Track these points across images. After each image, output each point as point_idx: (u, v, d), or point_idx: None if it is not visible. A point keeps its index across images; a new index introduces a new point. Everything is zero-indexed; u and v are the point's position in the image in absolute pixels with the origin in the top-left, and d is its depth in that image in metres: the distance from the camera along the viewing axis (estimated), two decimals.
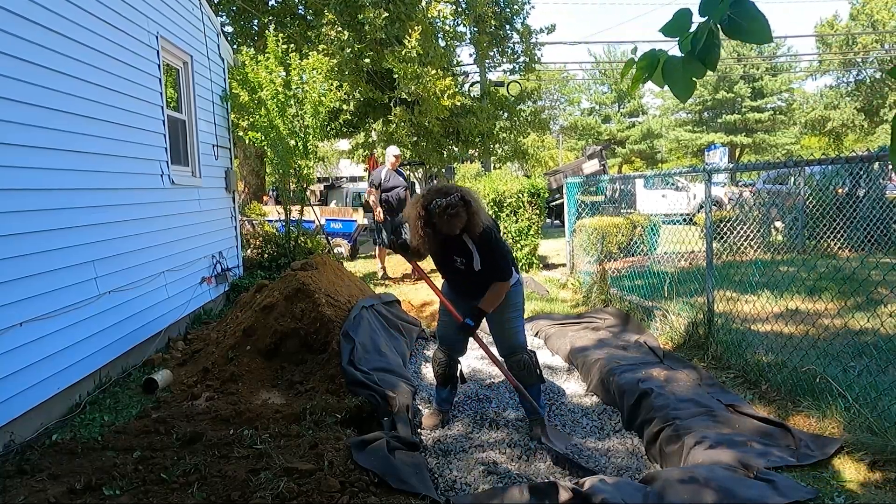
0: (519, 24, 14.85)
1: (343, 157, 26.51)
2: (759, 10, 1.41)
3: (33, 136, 3.52)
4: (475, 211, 3.18)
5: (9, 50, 3.30)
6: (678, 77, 1.60)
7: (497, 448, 3.30)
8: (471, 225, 3.19)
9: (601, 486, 2.53)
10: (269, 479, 2.54)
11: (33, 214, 3.50)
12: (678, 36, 1.55)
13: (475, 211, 3.18)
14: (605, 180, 7.91)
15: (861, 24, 31.03)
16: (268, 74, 7.30)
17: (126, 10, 4.78)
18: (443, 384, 3.66)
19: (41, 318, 3.50)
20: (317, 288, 4.58)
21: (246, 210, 11.81)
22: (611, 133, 42.15)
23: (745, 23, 1.42)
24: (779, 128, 37.70)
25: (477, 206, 3.20)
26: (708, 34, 1.48)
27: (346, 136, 14.51)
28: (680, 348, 4.73)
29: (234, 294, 6.68)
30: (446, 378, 3.62)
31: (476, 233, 3.23)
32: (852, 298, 5.22)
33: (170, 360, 4.70)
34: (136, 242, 4.76)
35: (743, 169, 4.76)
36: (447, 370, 3.60)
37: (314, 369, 4.06)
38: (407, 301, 6.71)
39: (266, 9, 13.31)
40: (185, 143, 6.16)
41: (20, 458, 2.91)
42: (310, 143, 7.74)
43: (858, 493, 2.58)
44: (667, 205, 13.56)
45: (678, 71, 1.59)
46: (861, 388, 3.33)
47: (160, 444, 3.04)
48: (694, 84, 1.61)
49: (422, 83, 10.68)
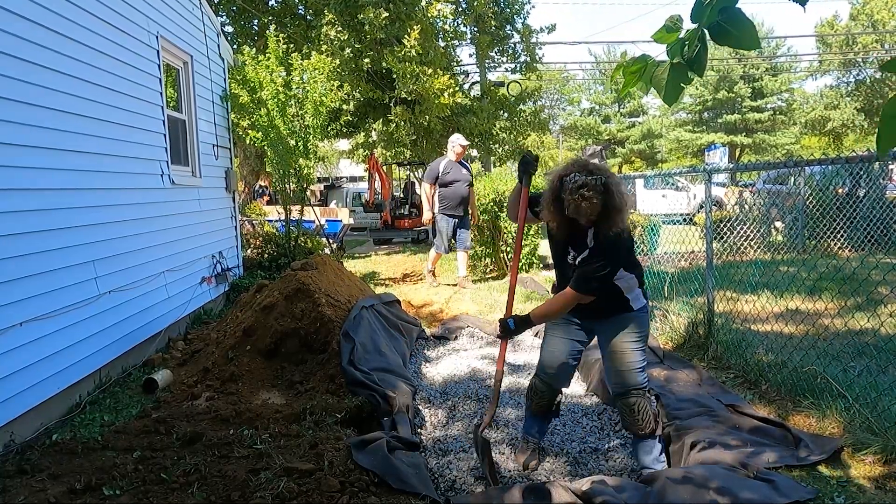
0: (519, 23, 14.85)
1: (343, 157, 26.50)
2: (747, 17, 1.45)
3: (33, 136, 3.52)
4: (617, 207, 2.58)
5: (9, 50, 3.30)
6: (666, 83, 1.62)
7: (497, 448, 3.30)
8: (604, 220, 2.60)
9: (601, 486, 2.53)
10: (269, 479, 2.54)
11: (33, 214, 3.50)
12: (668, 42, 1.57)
13: (617, 207, 2.58)
14: None
15: (861, 24, 31.03)
16: (268, 74, 7.30)
17: (126, 9, 4.78)
18: (537, 415, 3.17)
19: (41, 318, 3.50)
20: (317, 288, 4.58)
21: (246, 210, 11.82)
22: (611, 133, 42.16)
23: (733, 29, 1.45)
24: (779, 128, 37.69)
25: (621, 202, 2.59)
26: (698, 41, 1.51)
27: (346, 136, 14.52)
28: (680, 348, 4.73)
29: (234, 294, 6.68)
30: (543, 410, 3.13)
31: (606, 232, 2.62)
32: (852, 298, 5.22)
33: (170, 360, 4.70)
34: (137, 242, 4.76)
35: (743, 169, 4.76)
36: (547, 403, 3.10)
37: (314, 369, 4.06)
38: (407, 301, 6.71)
39: (266, 9, 13.32)
40: (186, 143, 6.16)
41: (20, 458, 2.91)
42: (310, 143, 7.74)
43: (858, 493, 2.57)
44: (667, 205, 13.55)
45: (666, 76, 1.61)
46: (861, 387, 3.33)
47: (160, 444, 3.04)
48: (681, 90, 1.64)
49: (421, 82, 10.67)
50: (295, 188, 8.09)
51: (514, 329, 2.87)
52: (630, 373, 2.81)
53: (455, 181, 7.11)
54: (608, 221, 2.60)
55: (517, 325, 2.86)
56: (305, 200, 8.35)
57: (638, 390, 2.81)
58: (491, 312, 6.31)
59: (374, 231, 14.47)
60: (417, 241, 14.39)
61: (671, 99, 1.61)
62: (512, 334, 2.93)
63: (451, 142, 7.31)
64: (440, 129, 12.69)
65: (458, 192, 7.14)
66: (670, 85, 1.61)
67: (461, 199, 7.15)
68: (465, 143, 7.26)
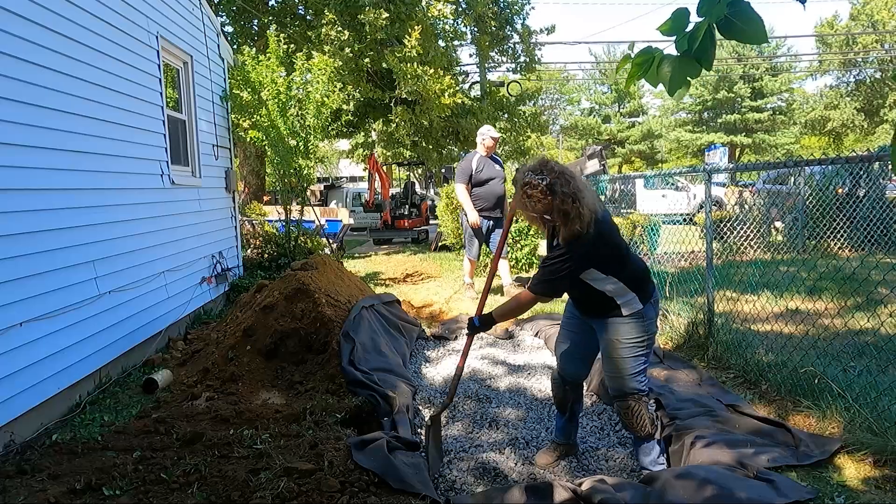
0: (519, 24, 14.87)
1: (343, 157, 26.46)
2: (756, 12, 1.44)
3: (33, 136, 3.52)
4: (563, 210, 2.50)
5: (9, 50, 3.31)
6: (673, 75, 1.60)
7: (497, 448, 3.30)
8: (560, 220, 2.55)
9: (601, 486, 2.53)
10: (269, 479, 2.54)
11: (33, 214, 3.50)
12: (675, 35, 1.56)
13: (563, 210, 2.50)
14: (604, 180, 7.91)
15: (861, 24, 31.04)
16: (269, 74, 7.30)
17: (126, 10, 4.78)
18: (560, 410, 3.15)
19: (41, 318, 3.50)
20: (317, 288, 4.58)
21: (246, 210, 11.82)
22: (611, 133, 42.17)
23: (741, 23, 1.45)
24: (779, 128, 37.71)
25: (570, 206, 2.49)
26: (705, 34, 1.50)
27: (345, 136, 14.53)
28: (680, 348, 4.73)
29: (234, 294, 6.68)
30: (563, 404, 3.11)
31: (564, 234, 2.58)
32: (852, 298, 5.22)
33: (170, 360, 4.70)
34: (137, 242, 4.76)
35: (743, 169, 4.76)
36: (562, 395, 3.10)
37: (314, 369, 4.06)
38: (407, 301, 6.71)
39: (266, 9, 13.32)
40: (186, 143, 6.16)
41: (20, 458, 2.91)
42: (311, 143, 7.74)
43: (858, 493, 2.57)
44: (667, 205, 13.56)
45: (674, 69, 1.60)
46: (861, 387, 3.33)
47: (160, 444, 3.04)
48: (689, 83, 1.62)
49: (422, 82, 10.68)
50: (295, 188, 8.09)
51: (480, 326, 2.97)
52: (623, 378, 2.76)
53: (489, 179, 6.32)
54: (563, 220, 2.55)
55: (482, 323, 2.95)
56: (306, 200, 8.35)
57: (633, 395, 2.76)
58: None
59: (374, 231, 14.48)
60: (417, 241, 14.40)
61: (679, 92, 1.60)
62: (477, 331, 3.01)
63: (481, 134, 6.45)
64: (440, 129, 12.70)
65: (493, 190, 6.33)
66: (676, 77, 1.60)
67: (497, 199, 6.35)
68: (495, 135, 6.43)
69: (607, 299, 2.73)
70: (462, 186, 6.33)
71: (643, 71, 1.66)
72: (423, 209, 15.16)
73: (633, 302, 2.71)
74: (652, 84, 1.65)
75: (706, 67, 1.57)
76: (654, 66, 1.64)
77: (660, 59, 1.63)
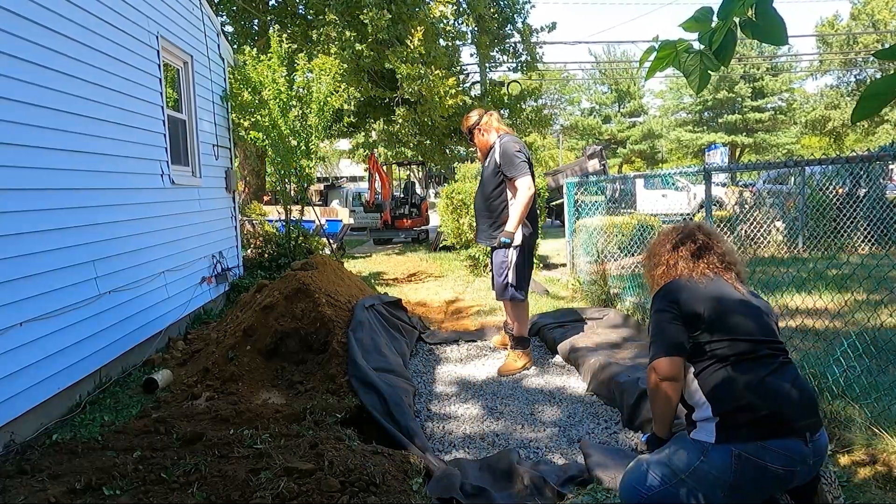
0: (520, 22, 14.87)
1: (343, 157, 26.45)
2: (778, 14, 1.47)
3: (33, 136, 3.52)
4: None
5: (9, 50, 3.31)
6: (695, 68, 1.69)
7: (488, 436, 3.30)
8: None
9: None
10: (269, 479, 2.53)
11: (33, 214, 3.50)
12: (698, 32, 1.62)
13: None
14: (604, 180, 7.91)
15: (862, 24, 31.04)
16: (271, 74, 7.30)
17: (126, 9, 4.78)
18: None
19: (41, 318, 3.50)
20: (317, 288, 4.58)
21: (246, 210, 11.82)
22: (611, 133, 42.18)
23: (763, 24, 1.48)
24: (779, 128, 37.73)
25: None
26: (727, 32, 1.54)
27: (346, 136, 14.54)
28: None
29: (234, 294, 6.68)
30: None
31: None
32: (852, 298, 5.22)
33: (170, 360, 4.70)
34: (137, 242, 4.76)
35: (743, 169, 4.75)
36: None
37: (314, 369, 4.06)
38: (407, 301, 6.71)
39: (266, 9, 13.33)
40: (186, 143, 6.16)
41: (20, 458, 2.91)
42: (312, 143, 7.74)
43: (858, 494, 2.57)
44: (667, 205, 13.56)
45: (695, 63, 1.69)
46: (861, 387, 3.33)
47: (160, 444, 3.04)
48: (709, 77, 1.72)
49: (425, 83, 10.68)
50: (296, 187, 8.09)
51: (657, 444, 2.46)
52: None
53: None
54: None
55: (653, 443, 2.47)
56: (306, 200, 8.36)
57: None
58: (492, 314, 6.30)
59: (374, 231, 14.49)
60: (417, 241, 14.40)
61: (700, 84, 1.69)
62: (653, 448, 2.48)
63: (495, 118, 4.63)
64: (442, 129, 12.71)
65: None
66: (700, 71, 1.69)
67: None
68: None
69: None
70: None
71: (665, 64, 1.75)
72: (423, 209, 15.17)
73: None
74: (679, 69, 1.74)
75: (724, 64, 1.65)
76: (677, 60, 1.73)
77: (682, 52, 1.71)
